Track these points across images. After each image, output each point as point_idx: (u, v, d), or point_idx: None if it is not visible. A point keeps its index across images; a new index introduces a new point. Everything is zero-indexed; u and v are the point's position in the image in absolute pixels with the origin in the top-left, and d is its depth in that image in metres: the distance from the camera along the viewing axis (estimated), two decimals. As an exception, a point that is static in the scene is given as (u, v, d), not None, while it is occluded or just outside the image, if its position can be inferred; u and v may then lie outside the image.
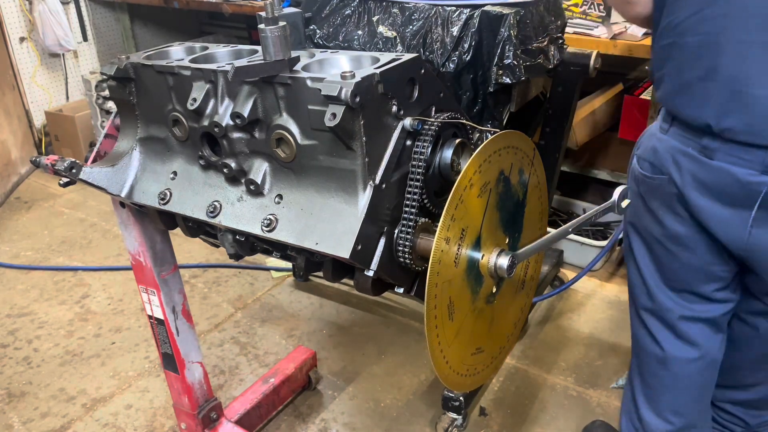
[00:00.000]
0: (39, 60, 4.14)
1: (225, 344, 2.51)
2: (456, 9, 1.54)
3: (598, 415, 2.12)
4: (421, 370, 2.34)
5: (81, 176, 1.33)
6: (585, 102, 2.87)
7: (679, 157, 1.34)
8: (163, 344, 1.73)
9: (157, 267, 1.60)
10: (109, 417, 2.18)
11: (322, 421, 2.14)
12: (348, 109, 1.04)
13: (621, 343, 2.39)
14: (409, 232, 1.17)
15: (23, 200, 3.79)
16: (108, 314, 2.72)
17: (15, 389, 2.32)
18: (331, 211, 1.15)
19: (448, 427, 1.97)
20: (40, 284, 2.95)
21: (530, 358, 2.38)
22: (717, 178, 1.29)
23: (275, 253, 1.37)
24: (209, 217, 1.28)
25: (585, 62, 1.86)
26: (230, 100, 1.21)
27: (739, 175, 1.25)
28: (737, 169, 1.25)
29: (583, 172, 2.97)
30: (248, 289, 2.86)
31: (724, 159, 1.27)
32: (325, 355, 2.43)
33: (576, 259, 2.89)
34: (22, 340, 2.58)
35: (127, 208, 1.52)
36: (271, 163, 1.23)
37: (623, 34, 2.49)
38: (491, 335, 1.40)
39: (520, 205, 1.37)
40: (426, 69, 1.21)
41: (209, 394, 1.87)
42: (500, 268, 1.23)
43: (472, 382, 1.37)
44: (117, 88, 1.37)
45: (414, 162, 1.17)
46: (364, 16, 1.64)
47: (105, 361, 2.44)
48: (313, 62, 1.22)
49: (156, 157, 1.40)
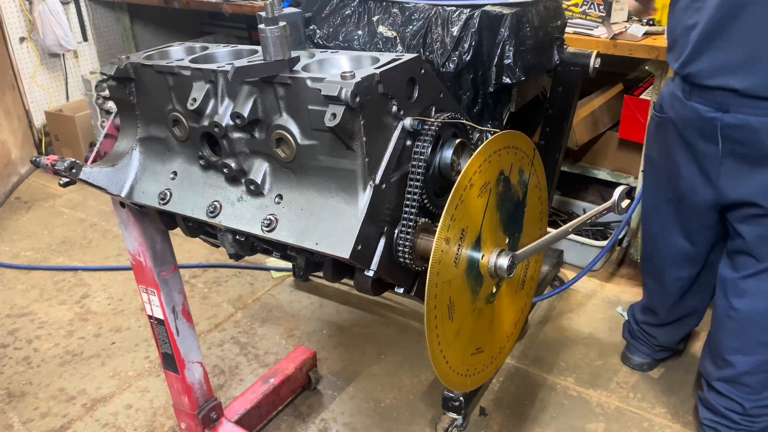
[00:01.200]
0: (39, 60, 4.14)
1: (225, 344, 2.51)
2: (456, 9, 1.54)
3: (598, 415, 2.12)
4: (421, 370, 2.34)
5: (81, 176, 1.33)
6: (585, 102, 2.88)
7: (674, 100, 1.72)
8: (163, 344, 1.73)
9: (157, 267, 1.60)
10: (109, 417, 2.18)
11: (322, 421, 2.14)
12: (348, 109, 1.04)
13: (621, 342, 2.39)
14: (409, 232, 1.17)
15: (23, 200, 3.79)
16: (108, 314, 2.72)
17: (15, 389, 2.32)
18: (331, 211, 1.15)
19: (448, 427, 1.97)
20: (40, 284, 2.95)
21: (530, 358, 2.38)
22: (690, 114, 1.65)
23: (275, 253, 1.37)
24: (209, 217, 1.28)
25: (585, 62, 1.86)
26: (230, 100, 1.21)
27: (701, 112, 1.62)
28: (699, 106, 1.62)
29: (583, 172, 2.97)
30: (248, 289, 2.86)
31: (694, 99, 1.63)
32: (325, 355, 2.43)
33: (576, 259, 2.89)
34: (22, 340, 2.58)
35: (127, 208, 1.52)
36: (271, 163, 1.23)
37: (623, 34, 2.49)
38: (491, 335, 1.40)
39: (520, 205, 1.37)
40: (426, 69, 1.21)
41: (209, 394, 1.87)
42: (500, 268, 1.23)
43: (472, 382, 1.37)
44: (117, 88, 1.37)
45: (414, 162, 1.17)
46: (364, 16, 1.64)
47: (105, 361, 2.44)
48: (313, 62, 1.22)
49: (156, 157, 1.40)
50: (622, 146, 2.83)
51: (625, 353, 2.34)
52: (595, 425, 2.08)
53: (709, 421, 1.90)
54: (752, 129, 1.53)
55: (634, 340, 2.28)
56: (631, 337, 2.30)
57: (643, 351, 2.27)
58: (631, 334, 2.29)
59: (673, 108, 1.71)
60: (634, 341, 2.28)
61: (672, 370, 2.30)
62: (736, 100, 1.53)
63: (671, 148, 1.76)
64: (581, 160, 2.99)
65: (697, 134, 1.65)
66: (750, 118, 1.53)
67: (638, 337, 2.26)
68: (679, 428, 2.07)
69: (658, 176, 1.88)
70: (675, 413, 2.12)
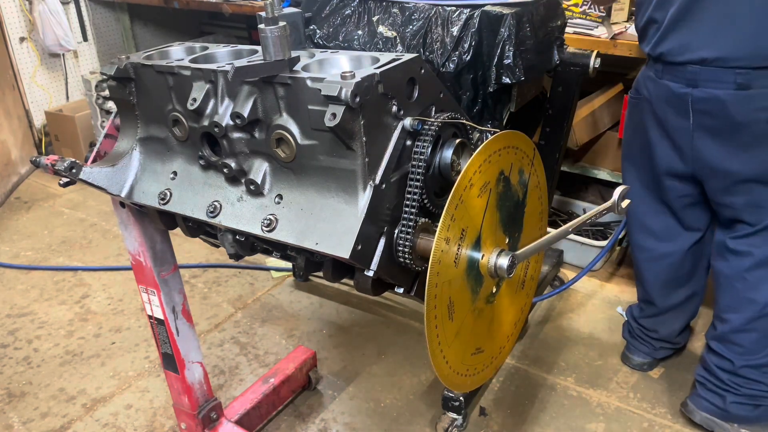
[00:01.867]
0: (39, 60, 4.14)
1: (225, 344, 2.51)
2: (456, 9, 1.54)
3: (598, 415, 2.12)
4: (421, 370, 2.34)
5: (81, 176, 1.33)
6: (585, 102, 2.87)
7: (647, 80, 1.84)
8: (163, 344, 1.73)
9: (157, 267, 1.60)
10: (109, 417, 2.18)
11: (322, 421, 2.14)
12: (348, 109, 1.04)
13: (621, 342, 2.39)
14: (409, 232, 1.17)
15: (23, 200, 3.79)
16: (108, 314, 2.72)
17: (15, 389, 2.32)
18: (331, 211, 1.15)
19: (448, 427, 1.97)
20: (40, 284, 2.95)
21: (530, 358, 2.38)
22: (663, 91, 1.77)
23: (275, 253, 1.37)
24: (209, 217, 1.28)
25: (585, 62, 1.86)
26: (230, 100, 1.21)
27: (673, 88, 1.73)
28: (671, 83, 1.74)
29: (583, 172, 2.97)
30: (248, 289, 2.86)
31: (666, 78, 1.75)
32: (325, 355, 2.43)
33: (576, 259, 2.89)
34: (22, 340, 2.58)
35: (127, 208, 1.52)
36: (271, 163, 1.23)
37: (623, 34, 2.49)
38: (491, 335, 1.40)
39: (520, 205, 1.37)
40: (426, 69, 1.21)
41: (209, 394, 1.87)
42: (500, 268, 1.23)
43: (472, 382, 1.37)
44: (117, 88, 1.37)
45: (414, 162, 1.17)
46: (364, 16, 1.64)
47: (105, 361, 2.44)
48: (313, 62, 1.22)
49: (156, 157, 1.40)
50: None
51: (625, 353, 2.34)
52: (595, 425, 2.08)
53: (700, 377, 2.02)
54: (719, 101, 1.65)
55: (634, 340, 2.29)
56: (630, 337, 2.30)
57: (643, 351, 2.27)
58: (631, 333, 2.29)
59: (647, 88, 1.84)
60: (634, 341, 2.29)
61: (672, 370, 2.30)
62: (703, 75, 1.66)
63: (646, 125, 1.89)
64: (581, 160, 2.98)
65: (670, 110, 1.77)
66: (717, 92, 1.65)
67: (638, 336, 2.26)
68: (679, 428, 2.07)
69: (635, 155, 2.00)
70: (675, 413, 2.12)
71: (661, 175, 1.91)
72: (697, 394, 2.01)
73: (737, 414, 1.94)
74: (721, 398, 1.94)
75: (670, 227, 2.01)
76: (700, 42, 1.64)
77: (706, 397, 1.98)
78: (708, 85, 1.66)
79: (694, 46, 1.65)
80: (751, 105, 1.63)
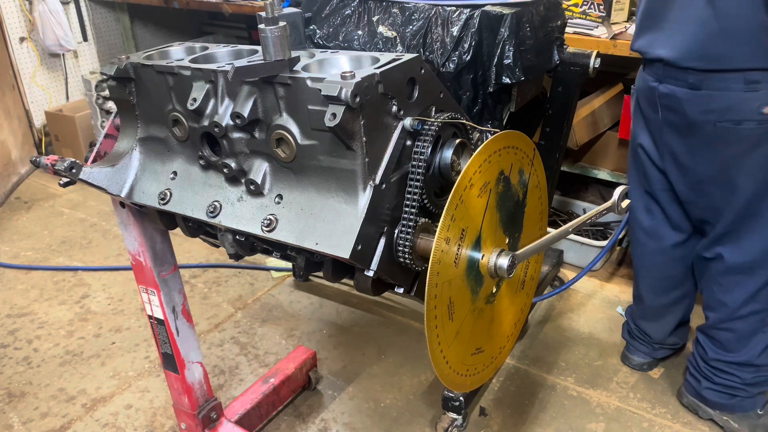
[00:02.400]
0: (39, 60, 4.14)
1: (225, 344, 2.51)
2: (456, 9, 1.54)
3: (598, 415, 2.12)
4: (421, 370, 2.34)
5: (81, 176, 1.33)
6: (585, 102, 2.88)
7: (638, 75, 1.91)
8: (163, 344, 1.73)
9: (157, 267, 1.60)
10: (109, 417, 2.18)
11: (322, 421, 2.14)
12: (348, 109, 1.04)
13: (621, 343, 2.39)
14: (409, 232, 1.17)
15: (23, 200, 3.80)
16: (108, 314, 2.72)
17: (15, 389, 2.32)
18: (331, 211, 1.15)
19: (448, 427, 1.97)
20: (40, 284, 2.95)
21: (530, 358, 2.38)
22: (643, 84, 1.86)
23: (275, 253, 1.37)
24: (209, 217, 1.28)
25: (585, 62, 1.86)
26: (230, 100, 1.21)
27: (648, 81, 1.82)
28: (647, 77, 1.82)
29: (583, 172, 2.97)
30: (248, 289, 2.86)
31: (646, 71, 1.84)
32: (325, 355, 2.43)
33: (576, 259, 2.89)
34: (22, 340, 2.58)
35: (127, 208, 1.52)
36: (271, 163, 1.23)
37: (623, 34, 2.49)
38: (491, 335, 1.40)
39: (520, 205, 1.37)
40: (426, 69, 1.21)
41: (209, 394, 1.87)
42: (500, 268, 1.23)
43: (472, 382, 1.37)
44: (117, 88, 1.37)
45: (414, 162, 1.17)
46: (364, 16, 1.64)
47: (105, 361, 2.44)
48: (313, 62, 1.22)
49: (156, 157, 1.40)
50: (622, 146, 2.83)
51: (625, 353, 2.34)
52: (595, 425, 2.08)
53: (688, 362, 2.14)
54: (677, 98, 1.73)
55: (633, 340, 2.29)
56: (630, 337, 2.31)
57: (643, 350, 2.28)
58: (631, 333, 2.30)
59: (637, 82, 1.94)
60: (634, 341, 2.29)
61: (672, 370, 2.30)
62: (665, 71, 1.74)
63: (635, 118, 1.97)
64: (581, 160, 2.99)
65: (647, 102, 1.86)
66: (675, 89, 1.73)
67: (638, 336, 2.27)
68: (679, 428, 2.07)
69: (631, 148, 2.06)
70: (675, 413, 2.12)
71: (646, 165, 1.97)
72: (686, 378, 2.14)
73: (713, 400, 2.04)
74: (698, 383, 2.06)
75: (658, 223, 2.05)
76: (662, 42, 1.73)
77: (690, 382, 2.10)
78: (669, 81, 1.74)
79: (657, 44, 1.75)
80: (702, 105, 1.69)
